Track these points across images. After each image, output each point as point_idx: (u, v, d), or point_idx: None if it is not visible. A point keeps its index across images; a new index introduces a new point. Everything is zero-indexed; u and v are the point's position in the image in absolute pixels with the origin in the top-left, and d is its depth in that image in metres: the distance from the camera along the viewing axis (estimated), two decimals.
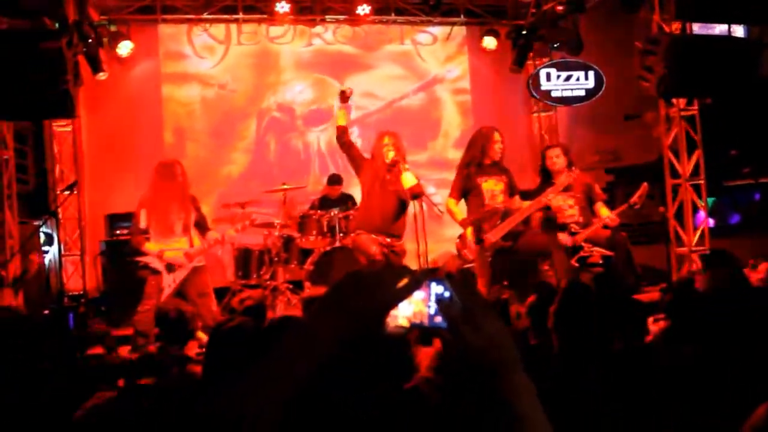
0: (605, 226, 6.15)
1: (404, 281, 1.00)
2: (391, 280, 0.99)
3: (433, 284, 1.02)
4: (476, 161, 5.84)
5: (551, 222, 5.96)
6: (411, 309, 1.01)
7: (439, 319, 1.01)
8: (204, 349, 4.33)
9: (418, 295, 1.01)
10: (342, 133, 6.15)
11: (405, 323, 1.01)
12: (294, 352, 0.97)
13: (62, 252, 8.11)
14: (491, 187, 5.79)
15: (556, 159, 6.30)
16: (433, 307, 1.01)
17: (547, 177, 6.38)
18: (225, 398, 1.00)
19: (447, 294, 1.01)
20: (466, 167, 5.90)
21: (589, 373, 2.57)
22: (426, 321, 1.02)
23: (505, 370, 0.98)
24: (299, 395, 0.95)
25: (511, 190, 5.92)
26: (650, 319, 4.40)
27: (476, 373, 0.98)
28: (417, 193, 5.79)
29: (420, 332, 1.03)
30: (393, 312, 1.00)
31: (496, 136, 5.89)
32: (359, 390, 1.01)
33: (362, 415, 1.00)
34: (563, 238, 6.02)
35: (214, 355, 3.21)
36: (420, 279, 1.00)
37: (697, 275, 4.21)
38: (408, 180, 5.72)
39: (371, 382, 1.03)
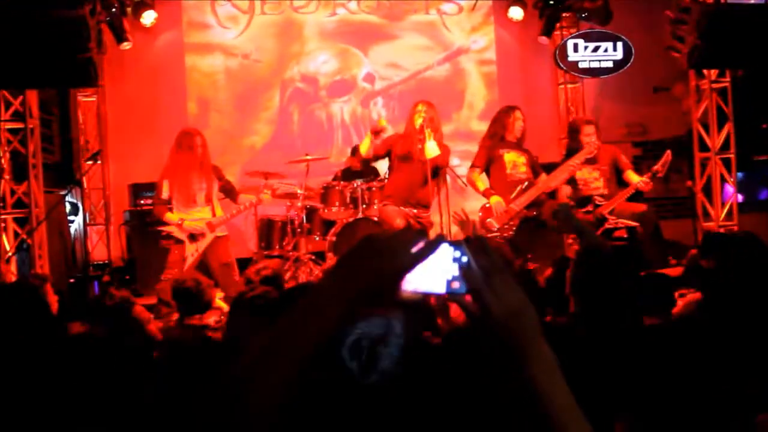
0: (637, 194, 6.05)
1: (420, 245, 0.96)
2: (406, 243, 0.96)
3: (451, 248, 0.97)
4: (498, 136, 5.81)
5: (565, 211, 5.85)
6: (427, 274, 0.97)
7: (456, 284, 0.97)
8: (222, 318, 4.35)
9: (435, 259, 0.97)
10: (365, 159, 6.17)
11: (421, 289, 0.97)
12: (307, 315, 0.94)
13: (87, 221, 8.16)
14: (513, 158, 5.76)
15: (591, 137, 6.16)
16: (450, 273, 0.97)
17: (572, 152, 6.25)
18: (241, 359, 0.97)
19: (465, 259, 0.97)
20: (488, 139, 5.87)
21: (605, 340, 2.53)
22: (443, 287, 0.97)
23: (525, 339, 0.94)
24: (313, 356, 0.92)
25: (533, 168, 5.87)
26: (676, 294, 4.32)
27: (496, 342, 0.94)
28: (437, 165, 5.75)
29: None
30: (408, 277, 0.96)
31: (518, 114, 5.87)
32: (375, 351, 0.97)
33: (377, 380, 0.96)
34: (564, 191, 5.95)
35: (235, 323, 3.22)
36: (436, 242, 0.96)
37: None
38: (429, 150, 5.68)
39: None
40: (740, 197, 8.62)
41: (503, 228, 5.77)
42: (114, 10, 7.56)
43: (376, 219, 6.78)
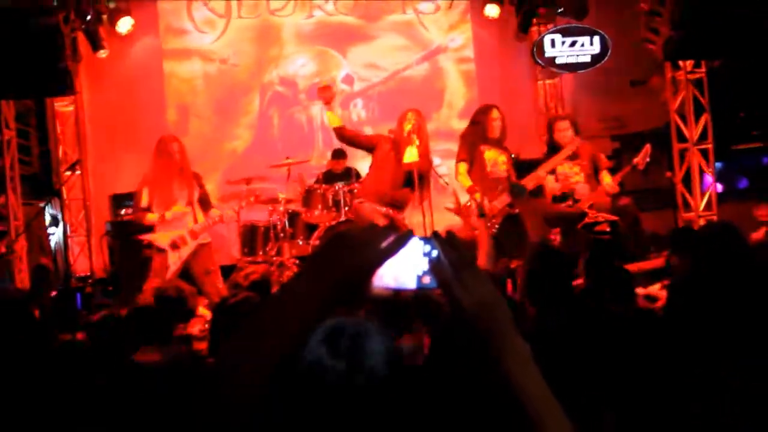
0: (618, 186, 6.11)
1: (389, 240, 0.96)
2: (376, 239, 0.96)
3: (420, 243, 0.98)
4: (478, 133, 5.82)
5: (517, 189, 5.86)
6: (397, 269, 0.97)
7: (427, 279, 0.97)
8: (206, 326, 4.32)
9: (405, 254, 0.97)
10: (340, 133, 6.13)
11: (392, 284, 0.98)
12: (280, 312, 0.95)
13: (68, 233, 8.08)
14: (494, 156, 5.77)
15: (564, 132, 6.18)
16: (420, 267, 0.97)
17: (553, 149, 6.28)
18: (219, 357, 1.01)
19: (434, 253, 0.97)
20: (468, 135, 5.88)
21: (558, 335, 2.55)
22: (413, 282, 0.98)
23: (498, 332, 0.94)
24: (288, 353, 0.93)
25: (512, 167, 5.90)
26: (657, 286, 4.35)
27: (468, 335, 0.94)
28: (415, 171, 5.78)
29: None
30: (379, 272, 0.96)
31: (495, 113, 5.88)
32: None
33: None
34: (550, 184, 5.95)
35: (219, 331, 3.19)
36: (405, 237, 0.97)
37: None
38: (409, 155, 5.69)
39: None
40: (719, 187, 8.68)
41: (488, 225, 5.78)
42: (89, 18, 7.50)
43: (352, 217, 6.76)
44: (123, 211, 8.01)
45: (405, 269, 0.97)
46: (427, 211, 6.90)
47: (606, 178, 6.13)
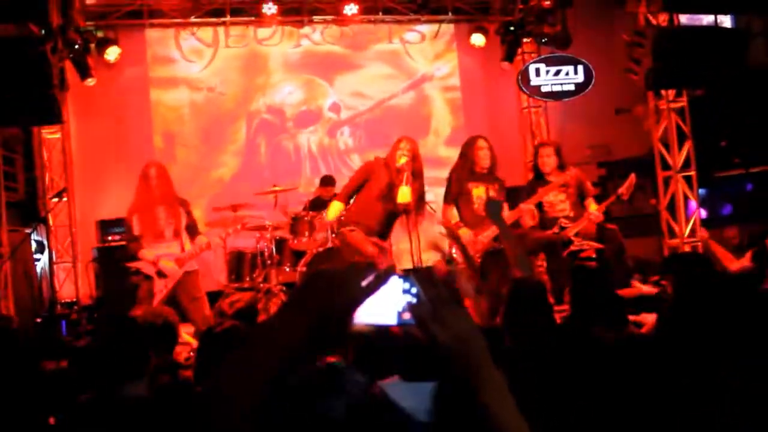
0: (603, 214, 6.15)
1: (369, 278, 0.99)
2: (356, 277, 0.99)
3: (400, 280, 1.01)
4: (466, 168, 5.82)
5: (493, 205, 5.88)
6: (378, 306, 1.00)
7: (406, 315, 1.00)
8: (192, 354, 4.31)
9: (385, 291, 1.00)
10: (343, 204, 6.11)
11: (372, 320, 1.00)
12: (260, 350, 0.96)
13: (54, 259, 8.05)
14: (480, 193, 5.77)
15: (547, 159, 6.22)
16: (400, 304, 1.00)
17: (539, 175, 6.33)
18: (204, 392, 1.01)
19: (414, 290, 1.00)
20: (456, 171, 5.89)
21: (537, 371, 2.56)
22: (394, 318, 1.00)
23: (475, 365, 0.97)
24: (269, 388, 0.94)
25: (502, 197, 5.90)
26: (644, 314, 4.38)
27: (446, 369, 0.97)
28: (406, 209, 5.78)
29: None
30: (360, 309, 0.99)
31: (481, 143, 5.88)
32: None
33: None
34: (526, 211, 5.95)
35: (205, 360, 3.19)
36: (385, 276, 0.99)
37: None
38: (402, 194, 5.69)
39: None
40: (703, 213, 8.78)
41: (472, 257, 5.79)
42: (77, 46, 7.55)
43: (339, 244, 6.75)
44: (110, 237, 8.00)
45: (385, 305, 1.00)
46: (414, 238, 6.93)
47: (592, 206, 6.17)
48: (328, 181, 8.37)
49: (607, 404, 2.43)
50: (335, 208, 6.00)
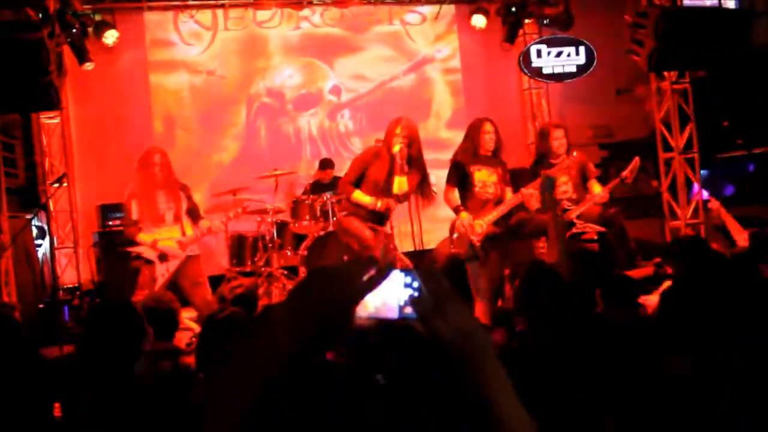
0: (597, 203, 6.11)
1: (370, 273, 0.98)
2: (356, 273, 0.98)
3: (401, 274, 1.01)
4: (470, 151, 5.76)
5: (548, 182, 5.85)
6: (378, 301, 1.00)
7: (408, 310, 1.00)
8: (194, 339, 4.33)
9: (387, 285, 1.00)
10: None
11: (374, 314, 1.00)
12: (261, 349, 0.96)
13: (55, 245, 8.05)
14: (483, 177, 5.71)
15: (562, 140, 6.16)
16: (402, 298, 1.00)
17: (543, 157, 6.26)
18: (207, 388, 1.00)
19: (415, 284, 1.00)
20: (459, 154, 5.82)
21: (555, 356, 2.57)
22: (395, 313, 1.00)
23: (479, 360, 0.96)
24: (268, 391, 0.94)
25: (504, 183, 5.85)
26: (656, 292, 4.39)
27: (447, 364, 0.97)
28: (400, 201, 5.77)
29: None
30: (360, 305, 0.99)
31: (487, 126, 5.78)
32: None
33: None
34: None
35: (207, 347, 3.20)
36: (386, 270, 0.99)
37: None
38: (398, 185, 5.66)
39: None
40: (705, 194, 8.76)
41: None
42: (75, 30, 7.50)
43: (336, 229, 6.73)
44: (111, 222, 8.00)
45: (387, 300, 1.00)
46: (415, 220, 6.92)
47: (596, 188, 6.14)
48: (326, 164, 8.36)
49: (616, 384, 2.45)
50: (359, 195, 5.88)
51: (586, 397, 2.33)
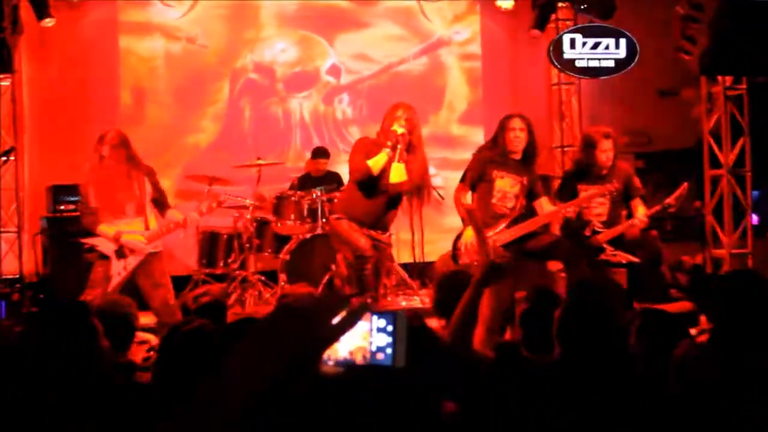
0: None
1: (342, 315, 1.02)
2: (327, 314, 1.02)
3: (375, 317, 1.06)
4: (495, 151, 5.67)
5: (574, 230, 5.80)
6: (351, 344, 1.05)
7: (381, 356, 1.05)
8: (152, 353, 4.26)
9: (360, 327, 1.05)
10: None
11: (342, 359, 1.06)
12: (224, 390, 1.00)
13: None
14: (505, 186, 5.60)
15: (608, 153, 6.00)
16: (374, 343, 1.05)
17: (582, 171, 6.11)
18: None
19: (390, 328, 1.05)
20: (484, 150, 5.74)
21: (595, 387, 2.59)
22: (367, 357, 1.06)
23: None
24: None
25: (529, 194, 5.73)
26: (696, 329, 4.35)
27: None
28: (399, 191, 5.70)
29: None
30: (330, 348, 1.04)
31: (514, 123, 5.66)
32: None
33: None
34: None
35: (167, 363, 3.15)
36: (359, 313, 1.03)
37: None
38: (395, 173, 5.60)
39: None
40: (755, 219, 8.73)
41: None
42: None
43: (328, 231, 6.69)
44: (63, 206, 7.94)
45: (358, 343, 1.07)
46: (417, 228, 6.89)
47: (639, 209, 6.02)
48: (319, 153, 8.27)
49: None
50: (374, 162, 5.78)
51: None
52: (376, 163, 5.70)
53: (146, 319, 5.76)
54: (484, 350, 4.23)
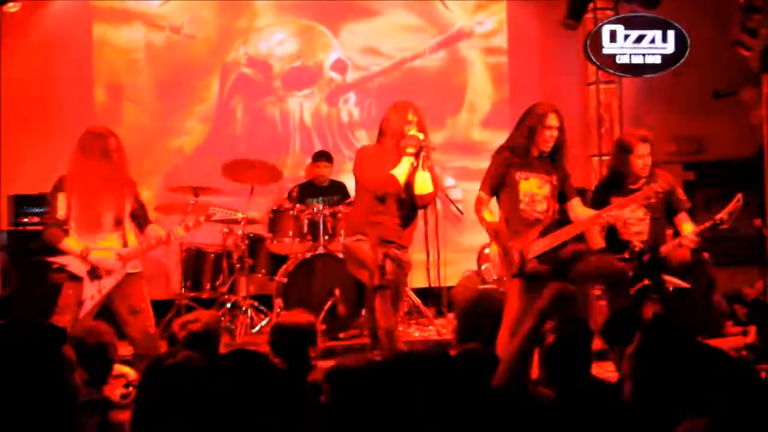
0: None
1: None
2: None
3: None
4: (520, 149, 5.63)
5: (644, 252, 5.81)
6: None
7: None
8: (131, 389, 4.28)
9: None
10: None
11: None
12: None
13: None
14: (531, 188, 5.56)
15: (646, 159, 6.03)
16: None
17: (617, 179, 6.12)
18: None
19: None
20: (503, 151, 5.70)
21: None
22: None
23: None
24: None
25: (560, 196, 5.72)
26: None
27: None
28: (425, 204, 5.71)
29: None
30: None
31: (551, 120, 5.60)
32: None
33: None
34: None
35: (148, 401, 3.16)
36: None
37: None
38: (422, 184, 5.60)
39: None
40: None
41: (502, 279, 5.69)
42: None
43: (341, 255, 6.72)
44: (26, 219, 7.98)
45: None
46: (433, 247, 6.87)
47: (686, 226, 5.98)
48: (321, 157, 8.30)
49: None
50: (398, 172, 5.80)
51: None
52: (402, 173, 5.70)
53: (122, 350, 5.79)
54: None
